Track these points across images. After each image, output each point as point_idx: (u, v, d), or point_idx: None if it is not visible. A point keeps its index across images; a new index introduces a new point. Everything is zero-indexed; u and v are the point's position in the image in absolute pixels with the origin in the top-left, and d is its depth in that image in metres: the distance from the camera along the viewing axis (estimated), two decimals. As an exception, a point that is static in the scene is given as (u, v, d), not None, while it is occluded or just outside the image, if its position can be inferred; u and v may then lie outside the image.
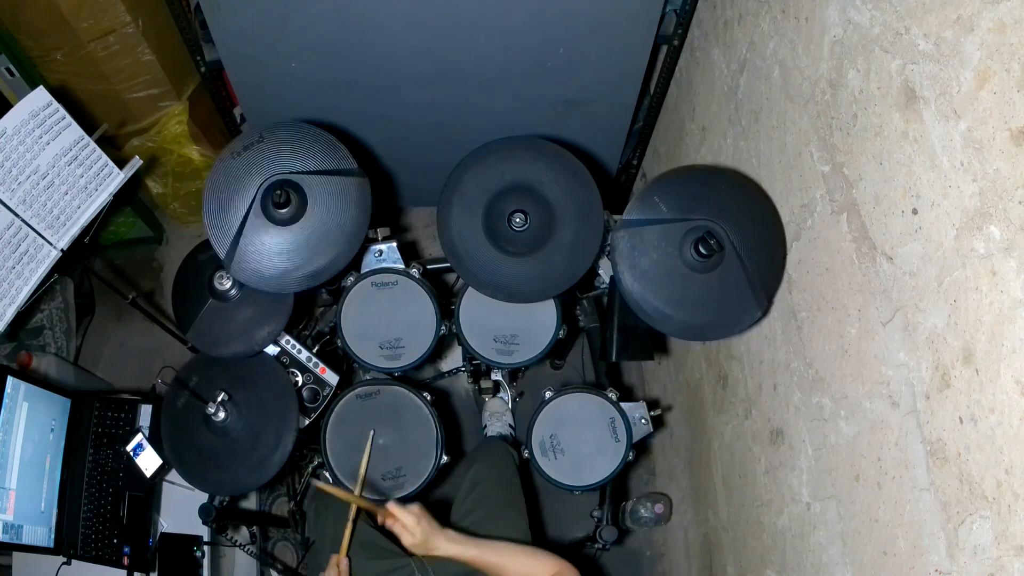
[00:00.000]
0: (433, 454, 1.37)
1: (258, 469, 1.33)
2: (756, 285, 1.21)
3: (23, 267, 1.29)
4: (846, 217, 1.05)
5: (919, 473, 0.87)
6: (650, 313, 1.24)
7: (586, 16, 1.66)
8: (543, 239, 1.30)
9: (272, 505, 2.03)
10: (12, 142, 1.22)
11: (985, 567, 0.76)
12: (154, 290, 2.58)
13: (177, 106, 2.19)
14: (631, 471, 2.22)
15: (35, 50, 1.97)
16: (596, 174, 1.30)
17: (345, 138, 1.31)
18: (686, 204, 1.24)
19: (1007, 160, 0.72)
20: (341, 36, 1.70)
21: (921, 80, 0.86)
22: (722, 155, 1.58)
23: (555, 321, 1.42)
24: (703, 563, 1.74)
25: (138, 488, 1.53)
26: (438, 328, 1.40)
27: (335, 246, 1.27)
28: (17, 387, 1.47)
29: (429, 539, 1.19)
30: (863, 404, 1.01)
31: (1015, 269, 0.71)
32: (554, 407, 1.41)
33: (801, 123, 1.19)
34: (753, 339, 1.42)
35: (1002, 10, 0.73)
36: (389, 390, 1.41)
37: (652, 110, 2.03)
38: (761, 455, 1.37)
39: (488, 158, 1.32)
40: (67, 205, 1.33)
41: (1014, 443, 0.72)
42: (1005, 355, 0.73)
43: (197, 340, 1.39)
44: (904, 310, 0.90)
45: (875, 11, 0.96)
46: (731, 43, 1.51)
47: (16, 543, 1.43)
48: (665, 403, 2.06)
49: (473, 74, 1.82)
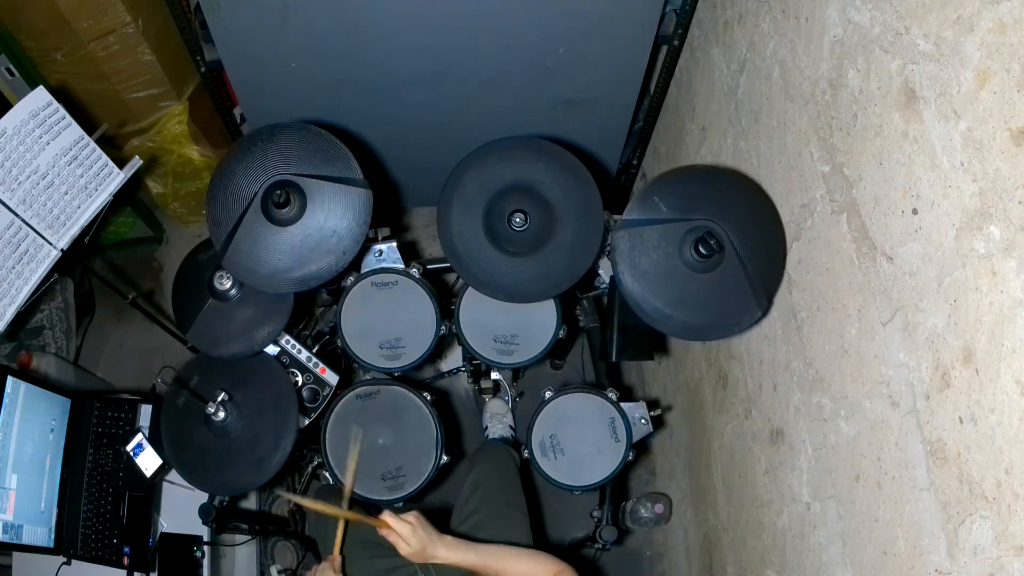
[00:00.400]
0: (433, 454, 1.37)
1: (258, 469, 1.33)
2: (756, 285, 1.21)
3: (23, 267, 1.29)
4: (846, 217, 1.05)
5: (919, 473, 0.87)
6: (650, 313, 1.24)
7: (586, 16, 1.66)
8: (543, 239, 1.30)
9: (272, 505, 2.03)
10: (12, 142, 1.22)
11: (985, 567, 0.76)
12: (154, 290, 2.58)
13: (177, 106, 2.19)
14: (631, 471, 2.22)
15: (35, 50, 1.97)
16: (596, 174, 1.30)
17: (345, 138, 1.31)
18: (686, 204, 1.24)
19: (1007, 160, 0.72)
20: (341, 36, 1.70)
21: (921, 80, 0.86)
22: (722, 155, 1.58)
23: (555, 321, 1.42)
24: (703, 563, 1.74)
25: (138, 488, 1.53)
26: (438, 328, 1.40)
27: (329, 253, 1.27)
28: (17, 387, 1.47)
29: (427, 548, 1.17)
30: (863, 404, 1.01)
31: (1015, 269, 0.71)
32: (554, 407, 1.41)
33: (801, 123, 1.19)
34: (753, 339, 1.42)
35: (1002, 10, 0.73)
36: (389, 390, 1.41)
37: (652, 110, 2.04)
38: (761, 455, 1.37)
39: (488, 158, 1.32)
40: (67, 205, 1.33)
41: (1014, 443, 0.72)
42: (1005, 355, 0.73)
43: (197, 340, 1.39)
44: (904, 310, 0.90)
45: (875, 11, 0.96)
46: (731, 43, 1.51)
47: (16, 543, 1.43)
48: (665, 403, 2.06)
49: (473, 74, 1.82)
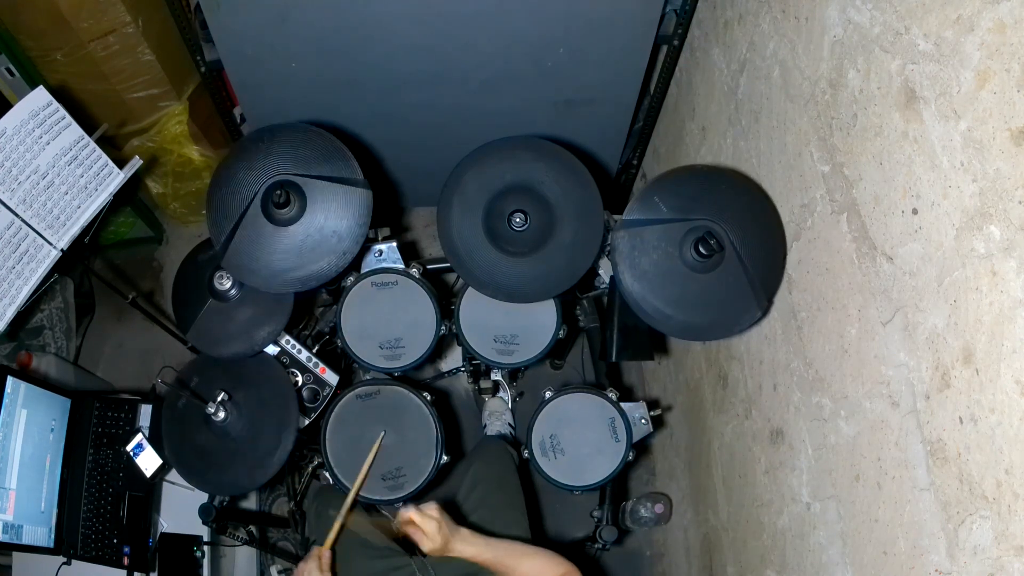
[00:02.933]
0: (433, 454, 1.37)
1: (258, 469, 1.33)
2: (756, 285, 1.21)
3: (23, 267, 1.29)
4: (846, 217, 1.05)
5: (919, 473, 0.87)
6: (650, 313, 1.24)
7: (586, 16, 1.66)
8: (543, 239, 1.30)
9: (272, 505, 2.03)
10: (12, 142, 1.22)
11: (985, 567, 0.76)
12: (154, 290, 2.58)
13: (177, 106, 2.19)
14: (631, 471, 2.22)
15: (35, 50, 1.97)
16: (596, 174, 1.30)
17: (345, 138, 1.31)
18: (686, 204, 1.24)
19: (1007, 160, 0.72)
20: (341, 36, 1.70)
21: (921, 80, 0.86)
22: (722, 155, 1.58)
23: (555, 321, 1.42)
24: (703, 563, 1.74)
25: (138, 488, 1.53)
26: (438, 328, 1.40)
27: (330, 253, 1.27)
28: (17, 387, 1.47)
29: (446, 543, 1.17)
30: (863, 404, 1.01)
31: (1015, 269, 0.71)
32: (554, 407, 1.41)
33: (801, 123, 1.19)
34: (753, 339, 1.41)
35: (1002, 10, 0.73)
36: (389, 390, 1.41)
37: (652, 110, 2.03)
38: (761, 455, 1.37)
39: (488, 158, 1.32)
40: (67, 205, 1.33)
41: (1014, 443, 0.72)
42: (1005, 355, 0.73)
43: (197, 340, 1.39)
44: (904, 310, 0.90)
45: (875, 11, 0.96)
46: (731, 43, 1.51)
47: (16, 543, 1.43)
48: (665, 403, 2.06)
49: (473, 74, 1.82)
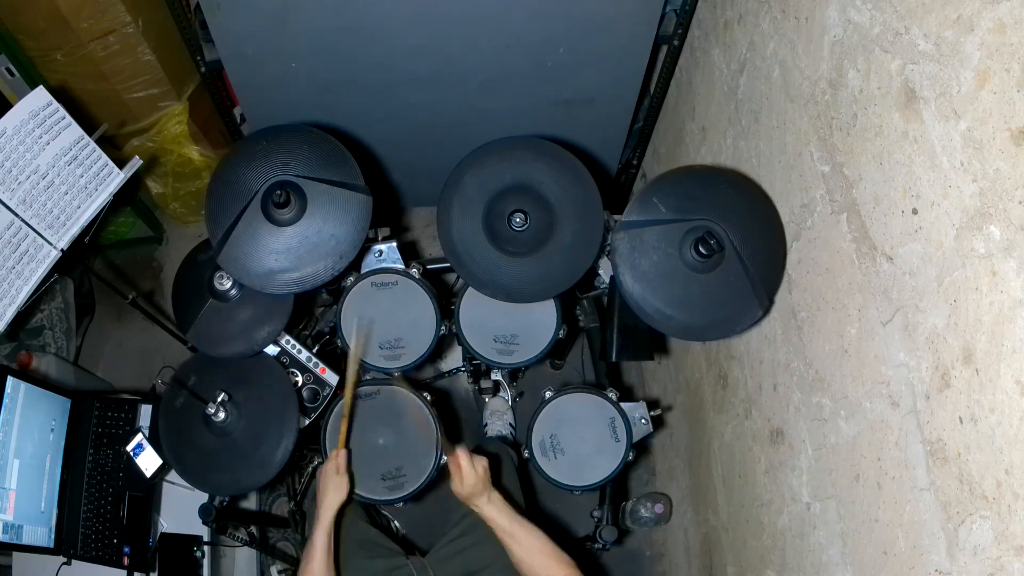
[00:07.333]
0: (433, 454, 1.36)
1: (258, 469, 1.33)
2: (756, 285, 1.21)
3: (23, 267, 1.29)
4: (846, 217, 1.05)
5: (919, 473, 0.87)
6: (651, 314, 1.24)
7: (586, 16, 1.66)
8: (543, 239, 1.30)
9: (272, 505, 2.03)
10: (12, 142, 1.22)
11: (985, 567, 0.76)
12: (154, 290, 2.58)
13: (177, 106, 2.19)
14: (631, 471, 2.22)
15: (35, 50, 1.97)
16: (596, 174, 1.30)
17: (345, 138, 1.31)
18: (686, 204, 1.24)
19: (1007, 160, 0.72)
20: (341, 36, 1.70)
21: (921, 80, 0.86)
22: (722, 155, 1.58)
23: (555, 321, 1.42)
24: (703, 563, 1.74)
25: (138, 488, 1.53)
26: (438, 328, 1.40)
27: (327, 256, 1.27)
28: (17, 387, 1.47)
29: (476, 496, 1.21)
30: (863, 404, 1.01)
31: (1015, 269, 0.71)
32: (554, 407, 1.41)
33: (801, 123, 1.19)
34: (753, 339, 1.41)
35: (1002, 10, 0.73)
36: (389, 390, 1.41)
37: (652, 110, 2.04)
38: (761, 455, 1.37)
39: (488, 158, 1.32)
40: (67, 205, 1.33)
41: (1014, 443, 0.72)
42: (1005, 355, 0.73)
43: (197, 340, 1.38)
44: (904, 310, 0.90)
45: (875, 11, 0.96)
46: (731, 43, 1.51)
47: (16, 543, 1.43)
48: (665, 403, 2.06)
49: (473, 74, 1.82)
